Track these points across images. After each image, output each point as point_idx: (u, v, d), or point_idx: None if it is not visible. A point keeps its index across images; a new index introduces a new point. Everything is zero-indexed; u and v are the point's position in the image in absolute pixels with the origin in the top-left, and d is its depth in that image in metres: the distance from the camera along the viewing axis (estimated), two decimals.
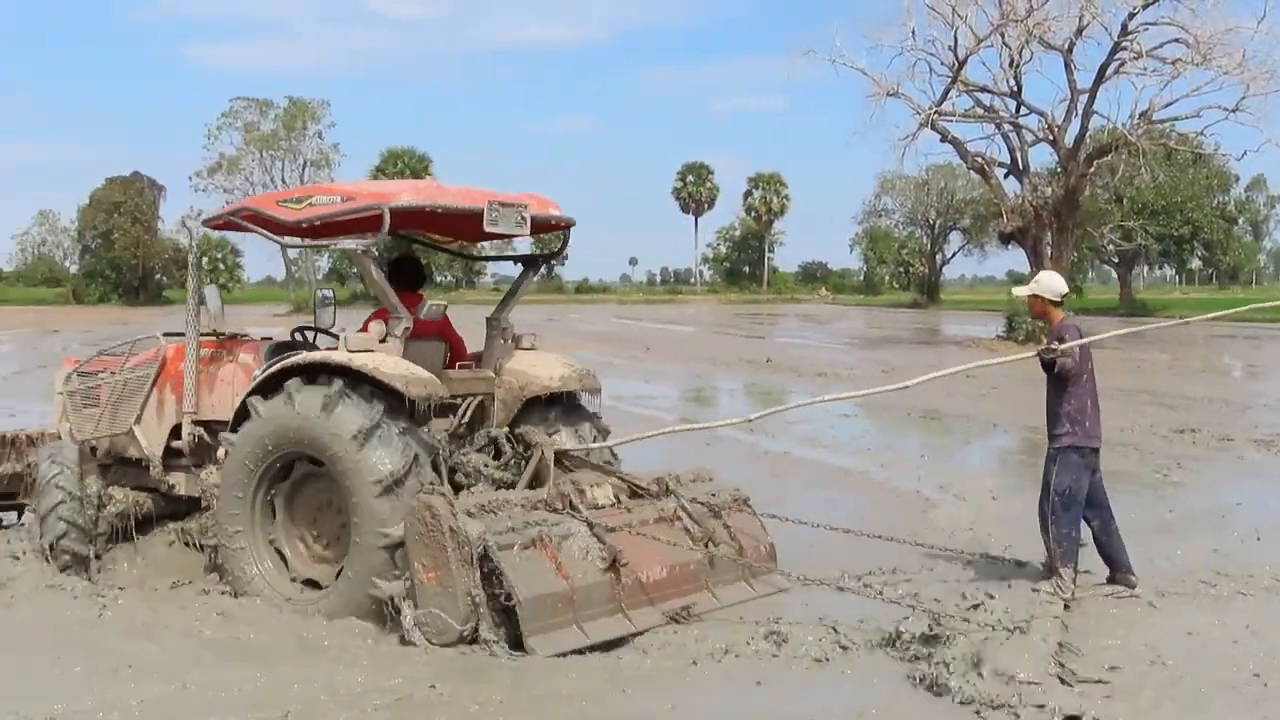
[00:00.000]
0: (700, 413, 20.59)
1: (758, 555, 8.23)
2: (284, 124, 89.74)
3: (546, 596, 6.72)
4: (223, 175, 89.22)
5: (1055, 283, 8.52)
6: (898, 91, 39.07)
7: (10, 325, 57.09)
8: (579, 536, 7.15)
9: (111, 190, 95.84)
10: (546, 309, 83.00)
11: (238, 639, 7.08)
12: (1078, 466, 8.10)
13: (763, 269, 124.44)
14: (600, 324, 59.02)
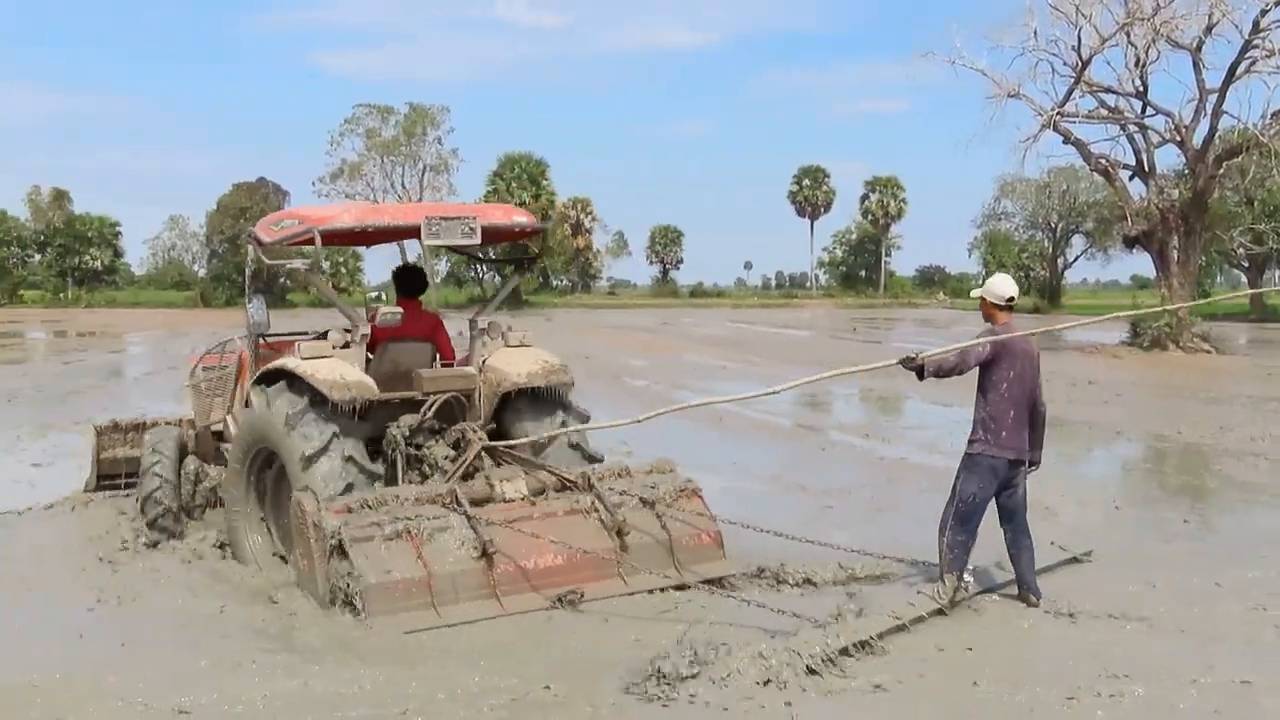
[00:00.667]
0: (814, 418, 20.44)
1: (695, 544, 8.38)
2: (404, 130, 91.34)
3: (397, 582, 7.25)
4: (345, 181, 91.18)
5: (1003, 286, 8.28)
6: (1019, 93, 38.42)
7: (142, 327, 58.81)
8: (456, 529, 7.62)
9: (238, 196, 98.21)
10: (660, 313, 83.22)
11: (357, 637, 7.18)
12: (985, 475, 7.90)
13: (879, 273, 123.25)
14: (714, 328, 58.95)
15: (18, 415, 19.39)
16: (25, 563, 9.15)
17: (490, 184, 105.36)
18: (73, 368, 31.23)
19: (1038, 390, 8.12)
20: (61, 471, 13.29)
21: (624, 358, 35.61)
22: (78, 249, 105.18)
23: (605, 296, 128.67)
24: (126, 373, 30.52)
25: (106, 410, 19.53)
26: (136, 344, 45.17)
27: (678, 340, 46.83)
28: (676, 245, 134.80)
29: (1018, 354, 7.95)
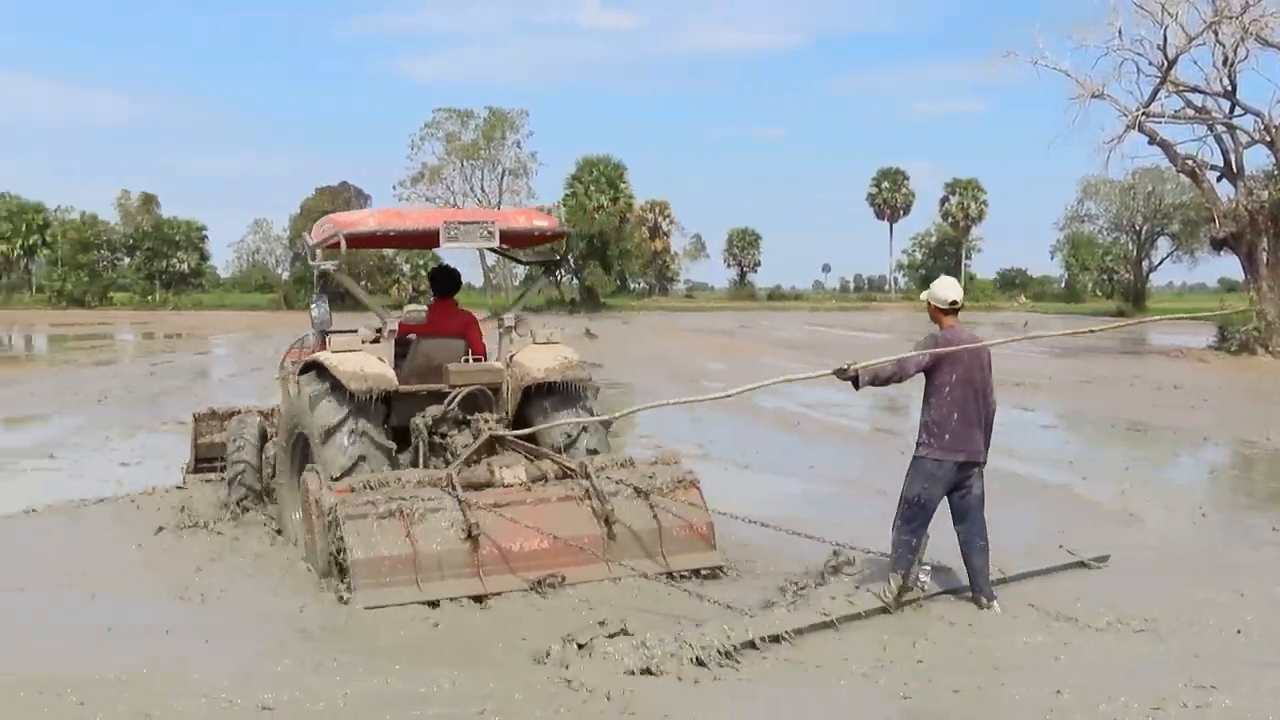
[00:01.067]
0: (893, 422, 20.27)
1: (685, 534, 8.63)
2: (484, 134, 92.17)
3: (383, 558, 7.73)
4: (425, 184, 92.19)
5: (946, 289, 8.32)
6: (1103, 93, 37.88)
7: (227, 329, 59.79)
8: (447, 511, 8.00)
9: (321, 200, 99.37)
10: (738, 315, 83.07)
11: (436, 637, 7.24)
12: (929, 477, 7.91)
13: (959, 276, 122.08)
14: (792, 331, 58.73)
15: (108, 415, 19.79)
16: (110, 557, 9.32)
17: (568, 187, 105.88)
18: (160, 369, 31.82)
19: (989, 390, 8.09)
20: (149, 471, 13.54)
21: (701, 360, 35.57)
22: (165, 252, 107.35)
23: (682, 299, 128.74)
24: (212, 374, 31.04)
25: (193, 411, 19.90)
26: (221, 346, 45.91)
27: (755, 343, 46.71)
28: (754, 248, 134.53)
29: (960, 357, 7.91)
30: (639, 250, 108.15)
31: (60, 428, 18.11)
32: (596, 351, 40.46)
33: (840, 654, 6.92)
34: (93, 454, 15.24)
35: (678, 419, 19.54)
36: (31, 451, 15.33)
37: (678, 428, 18.05)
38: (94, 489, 12.35)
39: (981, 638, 7.28)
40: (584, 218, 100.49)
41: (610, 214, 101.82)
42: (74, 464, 14.37)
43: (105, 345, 45.61)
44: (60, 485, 12.77)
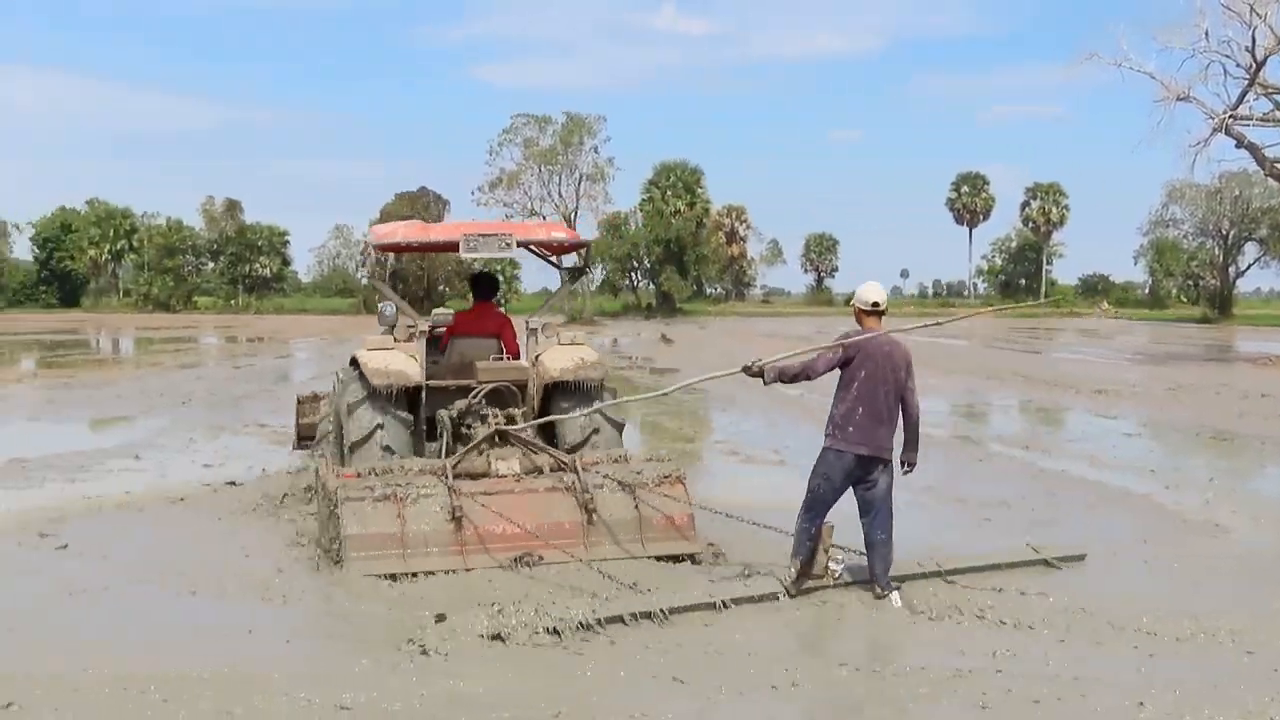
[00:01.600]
0: (972, 428, 20.07)
1: (665, 524, 9.17)
2: (561, 139, 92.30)
3: (374, 535, 8.55)
4: (503, 190, 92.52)
5: (868, 292, 8.65)
6: (1189, 96, 37.26)
7: (308, 333, 60.55)
8: (438, 496, 8.78)
9: (400, 205, 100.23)
10: (815, 321, 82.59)
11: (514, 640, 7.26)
12: (830, 467, 8.25)
13: (1040, 282, 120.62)
14: None
15: (192, 417, 20.12)
16: (193, 557, 9.47)
17: (645, 192, 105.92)
18: (242, 372, 32.31)
19: (905, 392, 8.40)
20: (232, 472, 13.73)
21: None
22: (248, 257, 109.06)
23: (759, 304, 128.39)
24: (292, 377, 31.44)
25: (274, 413, 20.19)
26: (302, 349, 46.52)
27: None
28: (831, 253, 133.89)
29: (871, 355, 8.30)
30: (715, 255, 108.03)
31: (145, 429, 18.43)
32: (672, 356, 40.49)
33: (919, 662, 6.86)
34: (176, 455, 15.48)
35: (756, 425, 19.51)
36: (118, 452, 15.60)
37: (755, 434, 18.00)
38: (178, 489, 12.56)
39: (1063, 648, 7.19)
40: (660, 223, 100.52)
41: (687, 219, 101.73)
42: (158, 465, 14.61)
43: (189, 348, 46.40)
44: (145, 486, 13.00)
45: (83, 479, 13.46)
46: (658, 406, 22.18)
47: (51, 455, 14.95)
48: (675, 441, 17.27)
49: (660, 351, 44.15)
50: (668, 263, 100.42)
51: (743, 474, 14.25)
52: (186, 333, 62.50)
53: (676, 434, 18.41)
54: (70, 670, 6.58)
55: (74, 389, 25.67)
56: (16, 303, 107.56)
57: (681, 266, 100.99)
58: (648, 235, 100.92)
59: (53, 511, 11.29)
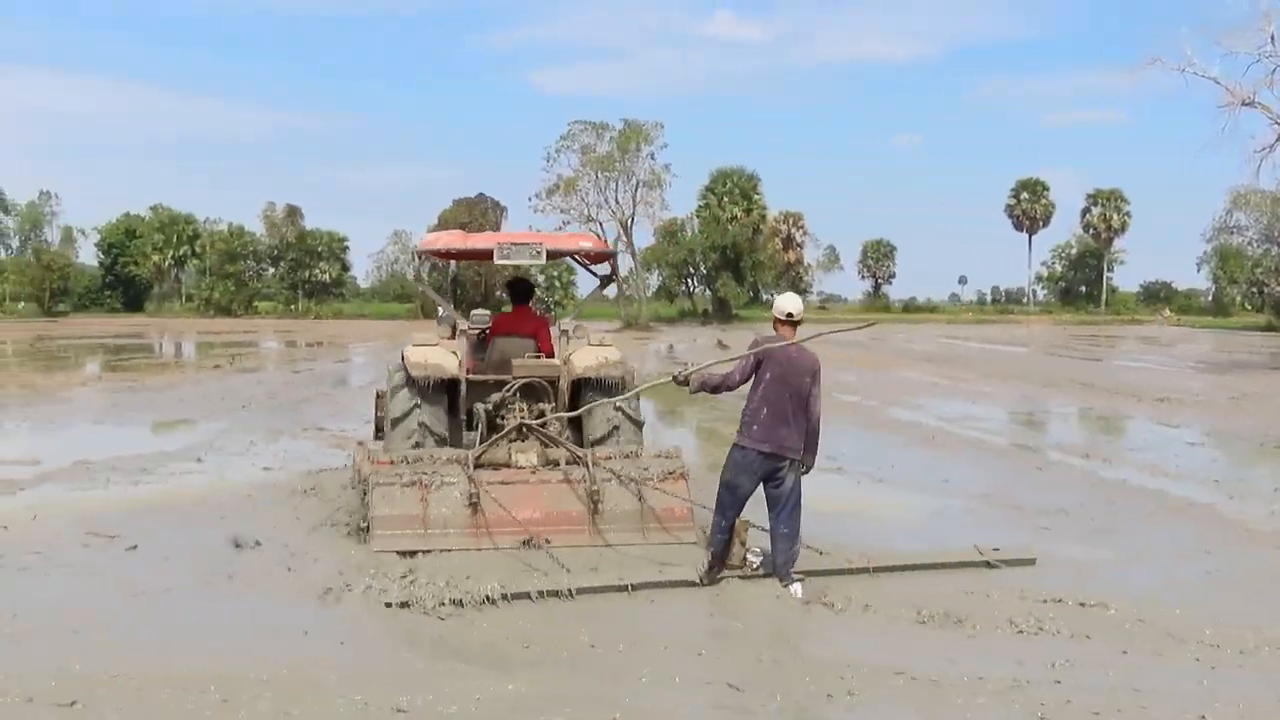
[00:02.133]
0: (1031, 437, 19.89)
1: (666, 515, 10.01)
2: (618, 146, 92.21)
3: (398, 515, 9.58)
4: (560, 197, 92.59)
5: (783, 303, 9.20)
6: (1254, 101, 36.79)
7: (366, 338, 61.03)
8: (460, 484, 9.74)
9: (458, 211, 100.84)
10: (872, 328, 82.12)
11: (565, 639, 7.33)
12: (738, 465, 8.82)
13: (1101, 289, 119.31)
14: (927, 343, 57.96)
15: (252, 421, 20.32)
16: (252, 558, 9.57)
17: (702, 198, 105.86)
18: (302, 376, 32.61)
19: (810, 399, 8.94)
20: (290, 476, 13.85)
21: (835, 372, 35.25)
22: (308, 263, 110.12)
23: (816, 311, 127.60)
24: (350, 381, 31.70)
25: (333, 417, 20.37)
26: (360, 354, 46.88)
27: (889, 356, 46.20)
28: (889, 259, 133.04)
29: (779, 360, 8.81)
30: (772, 261, 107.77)
31: (206, 432, 18.64)
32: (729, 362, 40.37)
33: (977, 672, 6.82)
34: (236, 458, 15.65)
35: None
36: (180, 455, 15.78)
37: None
38: (238, 492, 12.69)
39: (1123, 660, 7.11)
40: (717, 229, 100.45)
41: (743, 225, 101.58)
42: (219, 467, 14.78)
43: (250, 353, 46.89)
44: (207, 488, 13.15)
45: (146, 481, 13.64)
46: (714, 412, 22.14)
47: (115, 457, 15.16)
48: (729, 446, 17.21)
49: (716, 355, 44.05)
50: (724, 269, 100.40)
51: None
52: (247, 337, 63.20)
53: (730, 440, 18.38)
54: (133, 670, 6.67)
55: (137, 392, 26.03)
56: (82, 307, 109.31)
57: (738, 272, 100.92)
58: (704, 241, 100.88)
59: (116, 513, 11.45)
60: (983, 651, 7.30)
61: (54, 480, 13.62)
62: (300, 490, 12.62)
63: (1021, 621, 7.85)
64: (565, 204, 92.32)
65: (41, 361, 39.35)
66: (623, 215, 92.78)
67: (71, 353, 45.81)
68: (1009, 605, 8.19)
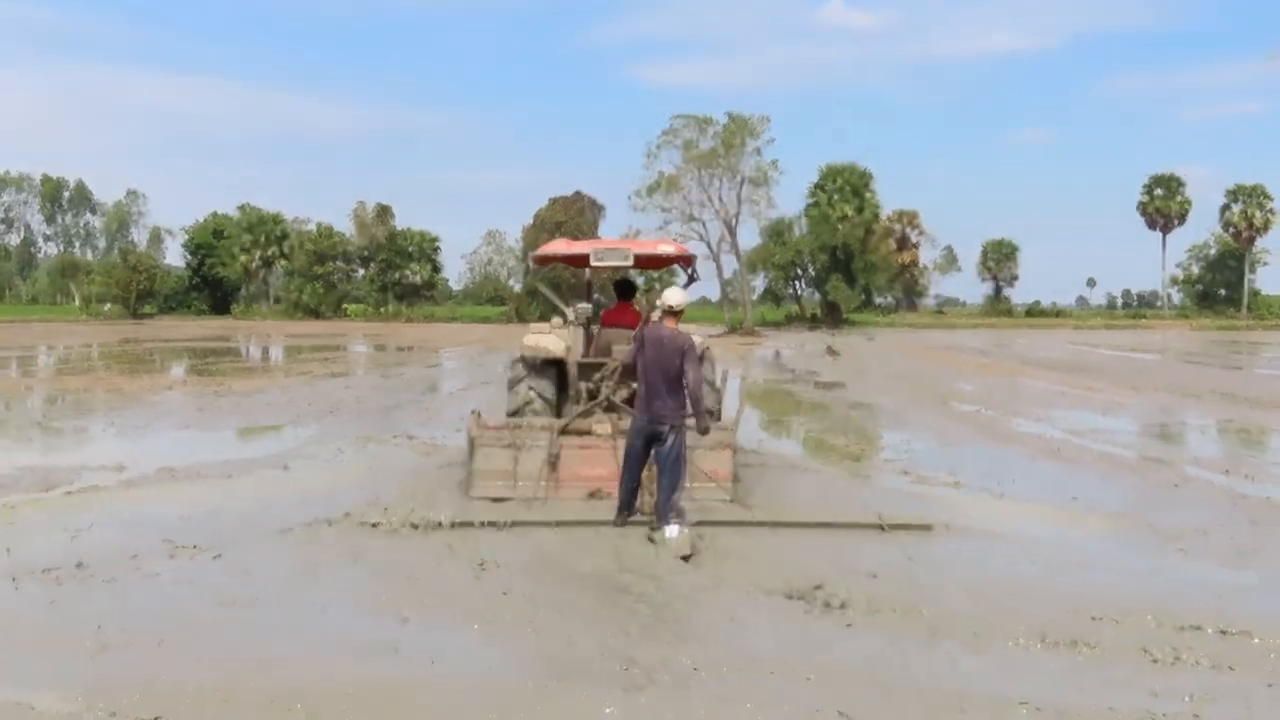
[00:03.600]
0: (1165, 450, 19.45)
1: (708, 476, 12.42)
2: (723, 141, 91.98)
3: (494, 470, 12.57)
4: (661, 194, 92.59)
5: (666, 296, 11.48)
6: None
7: (458, 342, 61.71)
8: (546, 446, 12.56)
9: (554, 210, 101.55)
10: (992, 333, 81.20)
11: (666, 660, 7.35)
12: (630, 429, 11.46)
13: (1241, 291, 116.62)
14: (1052, 350, 57.09)
15: (340, 427, 20.57)
16: (342, 573, 9.69)
17: (811, 196, 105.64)
18: (391, 382, 33.02)
19: (682, 374, 10.95)
20: (379, 486, 13.97)
21: (952, 380, 34.94)
22: (399, 264, 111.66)
23: (932, 315, 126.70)
24: (441, 388, 32.02)
25: (423, 426, 20.57)
26: (452, 359, 47.35)
27: (1011, 363, 45.57)
28: (1011, 260, 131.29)
29: (650, 344, 11.13)
30: (885, 263, 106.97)
31: (294, 439, 18.93)
32: (838, 370, 40.18)
33: (1107, 703, 6.67)
34: (324, 466, 15.85)
35: (928, 444, 19.24)
36: (267, 462, 16.01)
37: (928, 455, 17.75)
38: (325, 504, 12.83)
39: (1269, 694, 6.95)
40: (827, 228, 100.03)
41: (855, 224, 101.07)
42: (307, 476, 14.97)
43: (338, 357, 47.63)
44: (293, 498, 13.33)
45: (232, 488, 13.88)
46: (823, 422, 22.03)
47: (201, 464, 15.47)
48: (842, 460, 17.11)
49: (825, 365, 43.87)
50: (834, 271, 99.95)
51: (915, 495, 13.99)
52: (335, 340, 64.24)
53: (844, 451, 18.24)
54: (218, 683, 6.80)
55: (223, 397, 26.54)
56: (169, 309, 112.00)
57: (849, 275, 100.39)
58: (813, 242, 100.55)
59: (201, 522, 11.68)
60: (1113, 682, 7.15)
61: (139, 487, 13.93)
62: (387, 504, 12.76)
63: (1156, 650, 7.70)
64: (667, 202, 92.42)
65: (127, 365, 40.34)
66: (727, 214, 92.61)
67: (158, 356, 46.91)
68: (1142, 632, 8.02)
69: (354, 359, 47.64)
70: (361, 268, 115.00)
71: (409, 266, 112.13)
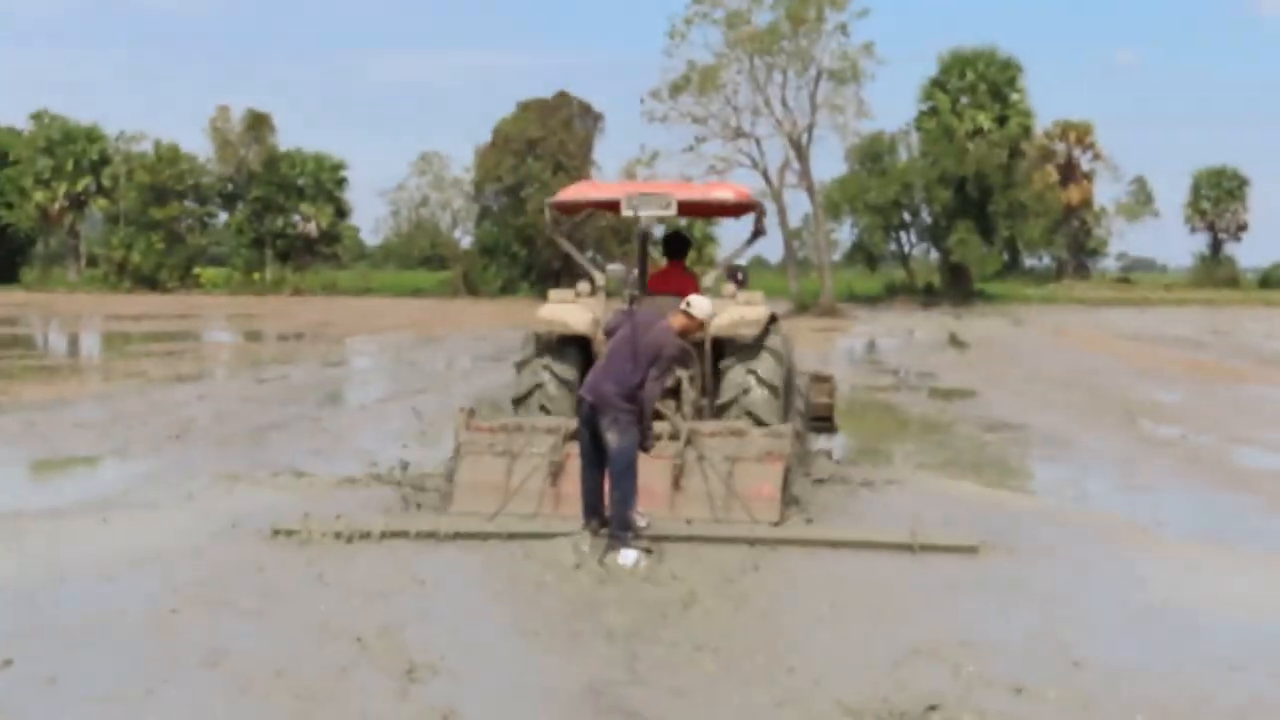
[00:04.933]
0: None
1: (752, 493, 14.82)
2: (788, 14, 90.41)
3: (482, 482, 14.98)
4: (692, 96, 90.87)
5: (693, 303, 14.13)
6: None
7: (376, 327, 61.75)
8: (547, 454, 14.98)
9: (525, 121, 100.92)
10: (1209, 313, 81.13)
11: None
12: (580, 419, 13.96)
13: None
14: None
15: (191, 458, 20.46)
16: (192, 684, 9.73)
17: (926, 98, 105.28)
18: (270, 388, 32.95)
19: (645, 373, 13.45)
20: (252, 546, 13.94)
21: (1144, 387, 34.93)
22: (282, 204, 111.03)
23: (1113, 285, 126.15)
24: (348, 398, 32.12)
25: (317, 455, 20.55)
26: (365, 353, 47.50)
27: (1237, 361, 45.50)
28: (1236, 200, 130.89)
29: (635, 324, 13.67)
30: (1041, 204, 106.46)
31: (119, 475, 18.86)
32: (967, 370, 40.13)
33: None
34: (167, 517, 15.76)
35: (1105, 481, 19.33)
36: (74, 511, 15.86)
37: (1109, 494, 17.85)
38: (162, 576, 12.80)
39: None
40: (950, 151, 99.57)
41: (994, 144, 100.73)
42: (139, 531, 14.87)
43: (188, 350, 47.55)
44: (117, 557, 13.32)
45: (20, 554, 13.80)
46: (948, 450, 22.15)
47: None
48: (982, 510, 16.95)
49: (948, 363, 43.82)
50: (961, 216, 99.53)
51: (1101, 562, 13.97)
52: (183, 325, 64.21)
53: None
54: None
55: (7, 414, 26.48)
56: None
57: (983, 222, 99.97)
58: (928, 171, 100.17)
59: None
60: None
61: None
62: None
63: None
64: (700, 108, 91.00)
65: None
66: (794, 127, 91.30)
67: None
68: None
69: (212, 354, 47.71)
70: (224, 210, 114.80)
71: (298, 209, 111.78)
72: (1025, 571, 13.25)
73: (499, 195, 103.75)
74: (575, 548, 13.44)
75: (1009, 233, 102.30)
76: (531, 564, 13.12)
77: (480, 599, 12.68)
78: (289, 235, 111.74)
